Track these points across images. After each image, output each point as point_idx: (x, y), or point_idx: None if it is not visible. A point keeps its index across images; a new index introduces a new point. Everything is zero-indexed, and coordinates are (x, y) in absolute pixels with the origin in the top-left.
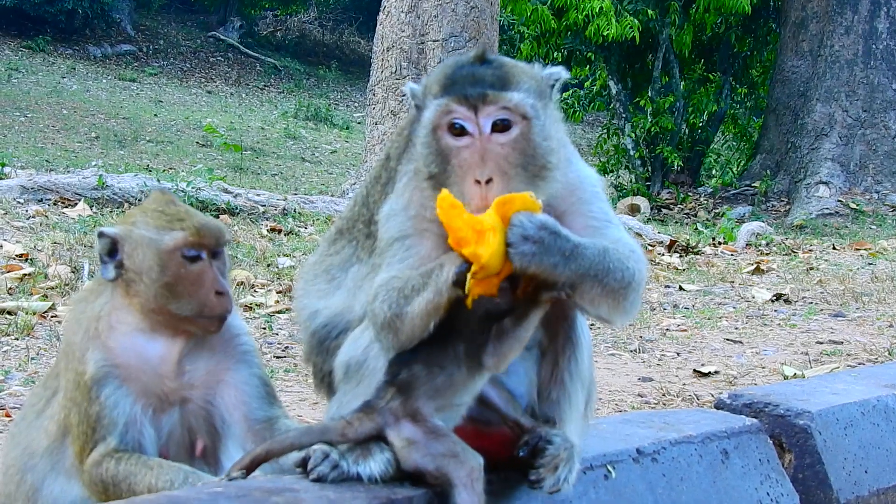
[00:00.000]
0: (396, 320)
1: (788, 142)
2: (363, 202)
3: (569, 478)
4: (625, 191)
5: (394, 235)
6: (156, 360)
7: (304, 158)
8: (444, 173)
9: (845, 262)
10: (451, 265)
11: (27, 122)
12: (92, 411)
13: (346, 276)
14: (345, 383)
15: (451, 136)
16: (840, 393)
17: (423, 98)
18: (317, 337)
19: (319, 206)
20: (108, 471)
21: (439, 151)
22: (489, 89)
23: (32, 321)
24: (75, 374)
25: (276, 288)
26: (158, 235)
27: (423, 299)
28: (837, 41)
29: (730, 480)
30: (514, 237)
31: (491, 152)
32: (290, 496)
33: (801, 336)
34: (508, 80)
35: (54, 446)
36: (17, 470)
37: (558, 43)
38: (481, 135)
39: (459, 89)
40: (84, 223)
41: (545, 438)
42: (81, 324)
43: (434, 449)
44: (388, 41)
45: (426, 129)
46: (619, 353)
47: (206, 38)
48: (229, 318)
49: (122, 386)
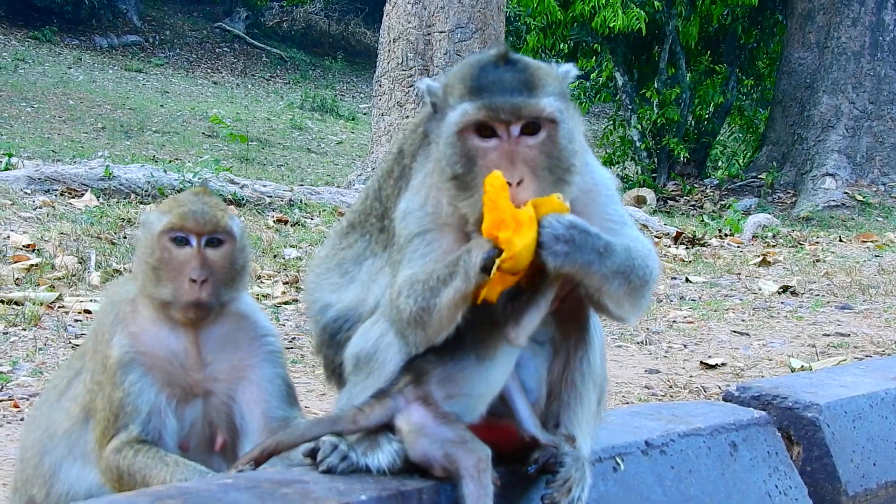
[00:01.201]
0: (424, 314)
1: (795, 133)
2: (375, 196)
3: (582, 496)
4: (631, 182)
5: (413, 231)
6: (176, 349)
7: (310, 149)
8: (470, 174)
9: (852, 255)
10: (480, 249)
11: (34, 112)
12: (116, 397)
13: (360, 270)
14: (354, 375)
15: (478, 138)
16: (848, 385)
17: (444, 97)
18: (328, 331)
19: (326, 197)
20: (125, 459)
21: (465, 153)
22: (518, 97)
23: (40, 312)
24: (103, 357)
25: (283, 279)
26: (152, 219)
27: (451, 289)
28: (844, 33)
29: (738, 473)
30: (546, 237)
31: (519, 154)
32: (300, 487)
33: (808, 328)
34: (535, 84)
35: (74, 429)
36: (35, 452)
37: (564, 34)
38: (510, 137)
39: (489, 96)
40: (91, 214)
41: (557, 459)
42: (113, 307)
43: (443, 434)
44: (394, 32)
45: (451, 131)
46: (625, 344)
47: (212, 29)
48: (259, 317)
49: (147, 374)
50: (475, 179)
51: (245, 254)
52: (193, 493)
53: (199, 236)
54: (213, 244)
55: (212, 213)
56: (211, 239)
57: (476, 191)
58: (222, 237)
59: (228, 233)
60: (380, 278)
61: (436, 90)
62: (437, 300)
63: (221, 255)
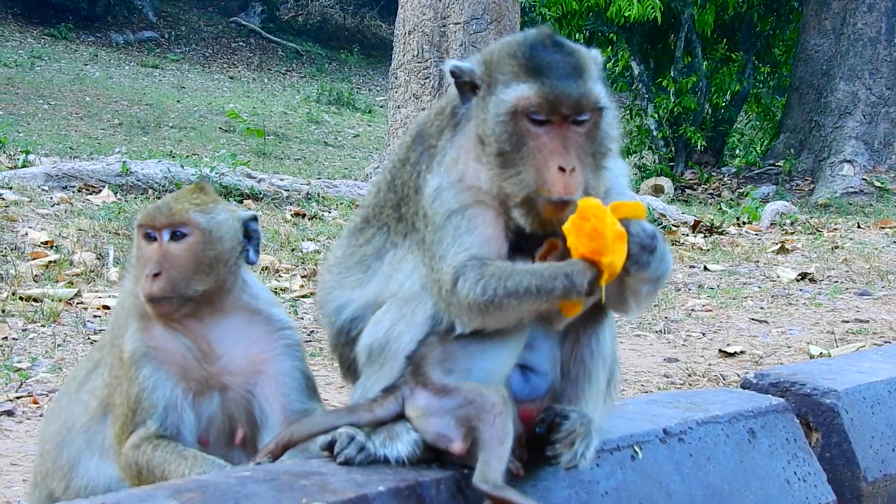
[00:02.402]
0: (492, 307)
1: (812, 120)
2: (389, 187)
3: (586, 453)
4: (648, 171)
5: (451, 208)
6: (186, 343)
7: (327, 143)
8: (519, 154)
9: (870, 241)
10: (583, 276)
11: (51, 109)
12: (132, 392)
13: (382, 264)
14: (368, 367)
15: (530, 120)
16: (867, 371)
17: (487, 75)
18: (344, 331)
19: (343, 190)
20: (143, 455)
21: (516, 132)
22: (574, 83)
23: (58, 308)
24: (119, 352)
25: (301, 272)
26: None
27: (537, 299)
28: (860, 19)
29: (757, 460)
30: (635, 249)
31: (570, 140)
32: (318, 479)
33: (826, 315)
34: (584, 69)
35: (92, 423)
36: (54, 445)
37: (580, 24)
38: (563, 122)
39: (548, 80)
40: (108, 210)
41: (561, 414)
42: (129, 300)
43: (446, 405)
44: (409, 24)
45: (503, 109)
46: (644, 333)
47: (227, 24)
48: (275, 312)
49: (161, 368)
50: (524, 160)
51: (218, 245)
52: (212, 486)
53: (160, 231)
54: (176, 237)
55: (173, 207)
56: (175, 232)
57: (523, 170)
58: (185, 230)
59: (190, 225)
60: (403, 266)
61: (469, 69)
62: (513, 301)
63: (184, 248)
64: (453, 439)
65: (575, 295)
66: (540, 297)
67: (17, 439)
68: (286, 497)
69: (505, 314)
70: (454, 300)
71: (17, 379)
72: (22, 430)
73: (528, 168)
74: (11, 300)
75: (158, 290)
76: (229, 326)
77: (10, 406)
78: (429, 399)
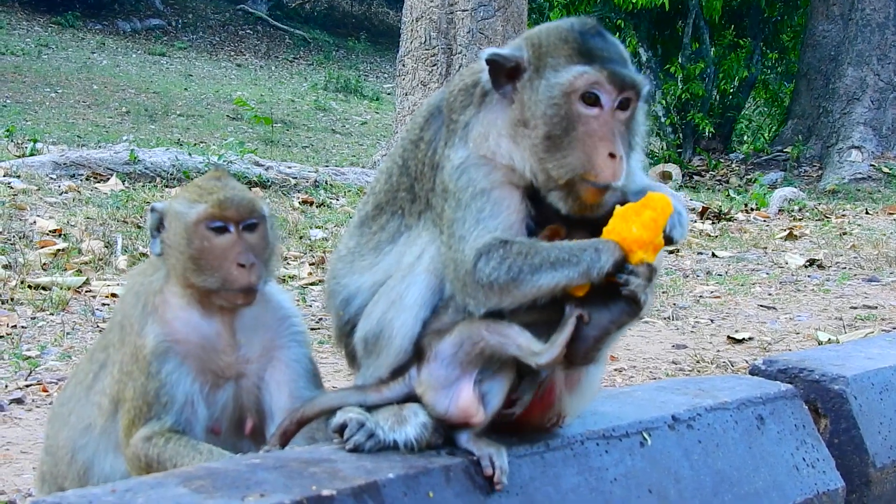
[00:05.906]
0: (513, 285)
1: (820, 107)
2: (401, 171)
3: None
4: (656, 158)
5: (482, 187)
6: (212, 335)
7: (335, 130)
8: (567, 137)
9: (878, 227)
10: (611, 255)
11: (58, 98)
12: (150, 387)
13: (395, 245)
14: (366, 358)
15: (582, 103)
16: (875, 357)
17: (536, 59)
18: (350, 324)
19: (351, 178)
20: (155, 448)
21: (567, 115)
22: (626, 68)
23: (67, 296)
24: (133, 349)
25: (309, 260)
26: (186, 209)
27: (560, 275)
28: (868, 4)
29: (765, 446)
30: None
31: (616, 128)
32: (328, 466)
33: (834, 301)
34: (627, 58)
35: (108, 424)
36: (68, 450)
37: (587, 11)
38: (613, 109)
39: (605, 63)
40: (116, 198)
41: None
42: (140, 297)
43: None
44: (416, 11)
45: (557, 92)
46: (652, 320)
47: (234, 12)
48: (282, 298)
49: (183, 364)
50: (571, 144)
51: (275, 232)
52: (222, 473)
53: (237, 223)
54: (249, 228)
55: (247, 199)
56: (248, 223)
57: (570, 153)
58: (257, 220)
59: (262, 215)
60: (413, 247)
61: (513, 55)
62: (534, 278)
63: (258, 238)
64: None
65: (597, 272)
66: (563, 269)
67: (27, 427)
68: (296, 484)
69: (524, 293)
70: (471, 280)
71: (27, 367)
72: (31, 418)
73: (576, 152)
74: (20, 288)
75: (257, 279)
76: (251, 314)
77: (20, 394)
78: (427, 369)
